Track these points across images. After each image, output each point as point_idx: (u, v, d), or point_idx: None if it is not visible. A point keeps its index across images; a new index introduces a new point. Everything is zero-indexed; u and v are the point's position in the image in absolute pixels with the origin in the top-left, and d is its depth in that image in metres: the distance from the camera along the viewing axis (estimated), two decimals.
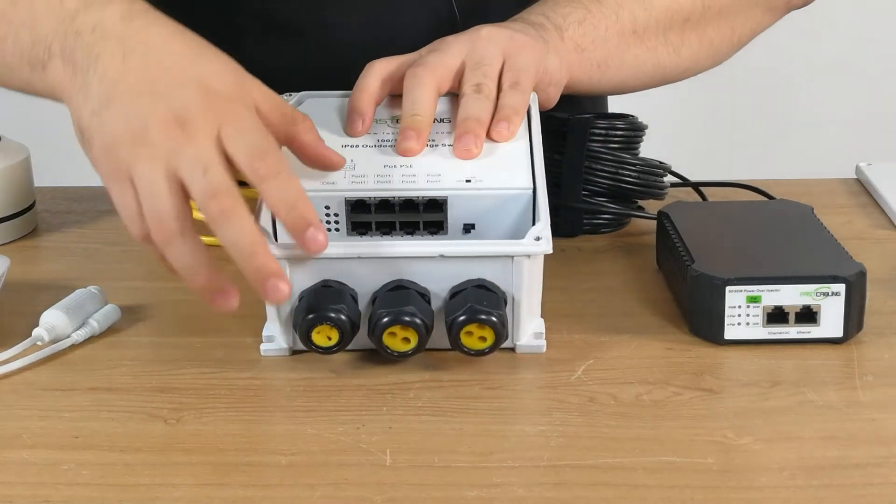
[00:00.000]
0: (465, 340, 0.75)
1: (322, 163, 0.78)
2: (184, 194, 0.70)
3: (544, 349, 0.79)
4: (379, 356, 0.76)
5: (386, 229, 0.79)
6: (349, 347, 0.76)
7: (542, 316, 0.79)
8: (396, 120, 0.84)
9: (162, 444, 0.69)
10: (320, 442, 0.69)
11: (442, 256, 0.75)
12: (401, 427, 0.70)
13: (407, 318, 0.74)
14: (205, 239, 0.71)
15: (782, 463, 0.66)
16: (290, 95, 0.89)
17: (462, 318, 0.74)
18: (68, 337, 0.79)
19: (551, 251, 0.75)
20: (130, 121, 0.71)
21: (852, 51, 2.29)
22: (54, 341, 0.79)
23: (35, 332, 0.79)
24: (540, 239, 0.75)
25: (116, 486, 0.65)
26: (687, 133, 2.22)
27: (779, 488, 0.64)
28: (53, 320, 0.79)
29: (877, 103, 2.30)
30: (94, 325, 0.81)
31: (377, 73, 0.86)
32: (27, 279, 0.90)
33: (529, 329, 0.78)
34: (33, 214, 1.03)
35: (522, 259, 0.75)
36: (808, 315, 0.78)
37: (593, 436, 0.69)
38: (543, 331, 0.79)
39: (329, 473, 0.66)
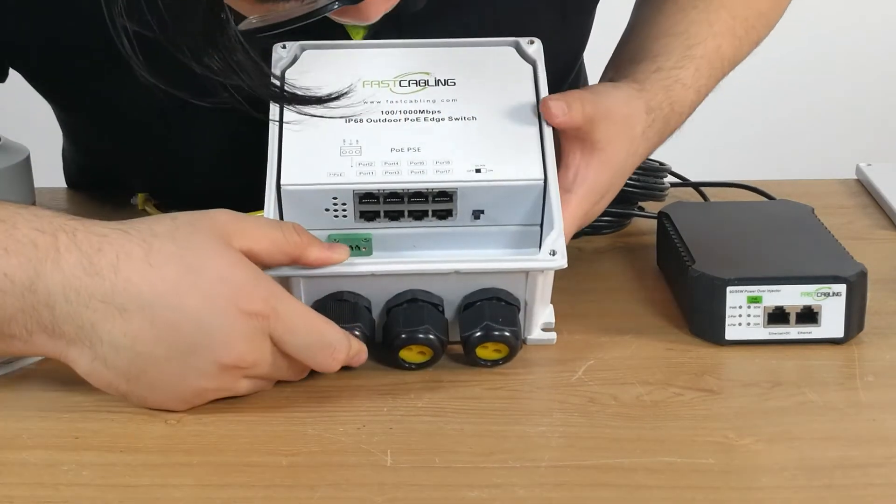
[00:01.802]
0: (480, 352, 0.76)
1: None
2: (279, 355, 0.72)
3: (555, 340, 0.79)
4: (379, 357, 0.76)
5: (394, 215, 0.78)
6: None
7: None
8: (400, 82, 0.81)
9: (162, 445, 0.68)
10: (321, 442, 0.69)
11: (457, 273, 0.75)
12: (401, 427, 0.70)
13: (422, 336, 0.74)
14: None
15: (783, 463, 0.66)
16: (285, 46, 0.82)
17: (478, 334, 0.74)
18: None
19: (567, 265, 0.75)
20: (180, 383, 0.69)
21: (852, 51, 2.29)
22: None
23: None
24: (555, 253, 0.74)
25: (116, 486, 0.65)
26: (687, 133, 2.22)
27: (780, 489, 0.64)
28: None
29: (877, 103, 2.30)
30: None
31: None
32: None
33: (540, 320, 0.78)
34: None
35: (537, 273, 0.75)
36: (808, 315, 0.78)
37: (594, 436, 0.69)
38: (553, 320, 0.79)
39: (330, 474, 0.66)
